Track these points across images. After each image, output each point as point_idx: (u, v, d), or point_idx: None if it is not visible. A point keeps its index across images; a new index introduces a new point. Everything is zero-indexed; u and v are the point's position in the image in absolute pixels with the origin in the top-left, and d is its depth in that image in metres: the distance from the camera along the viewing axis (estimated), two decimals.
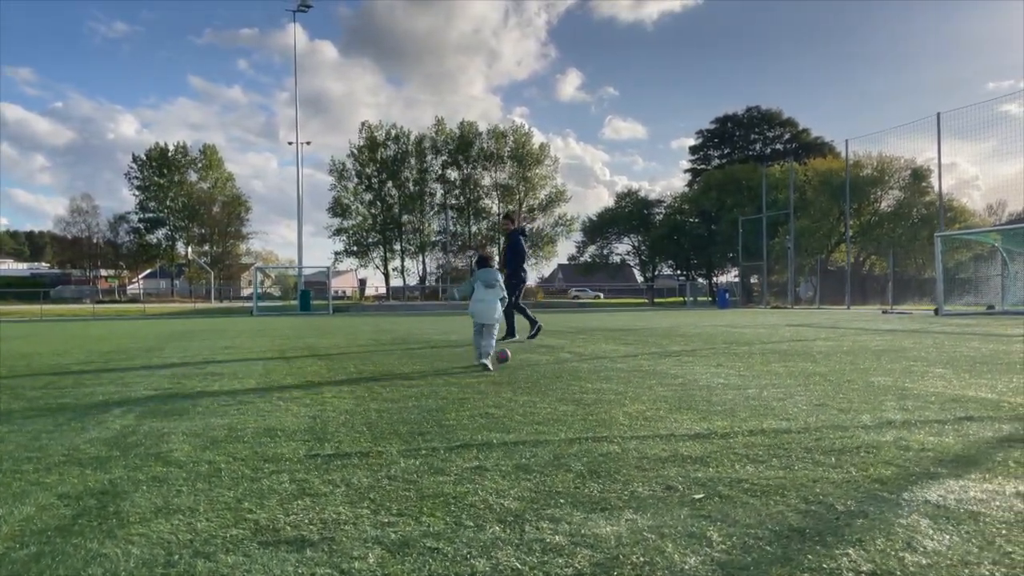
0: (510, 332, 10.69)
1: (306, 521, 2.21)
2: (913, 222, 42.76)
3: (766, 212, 41.74)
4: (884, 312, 24.86)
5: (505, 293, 7.43)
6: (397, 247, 74.27)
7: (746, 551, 1.91)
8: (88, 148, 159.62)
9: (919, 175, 42.89)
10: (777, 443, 3.26)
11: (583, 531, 2.08)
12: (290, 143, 38.60)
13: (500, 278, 7.31)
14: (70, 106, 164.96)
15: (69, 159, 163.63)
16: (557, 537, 2.04)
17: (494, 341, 7.07)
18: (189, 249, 70.36)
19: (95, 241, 78.80)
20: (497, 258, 9.89)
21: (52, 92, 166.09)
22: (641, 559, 1.86)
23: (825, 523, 2.12)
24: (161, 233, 79.08)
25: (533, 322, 11.05)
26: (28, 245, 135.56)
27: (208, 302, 60.54)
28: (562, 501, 2.38)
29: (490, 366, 6.65)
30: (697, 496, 2.41)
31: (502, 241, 9.53)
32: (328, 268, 39.34)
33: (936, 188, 42.86)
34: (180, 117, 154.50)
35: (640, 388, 5.15)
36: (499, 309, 7.15)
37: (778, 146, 69.44)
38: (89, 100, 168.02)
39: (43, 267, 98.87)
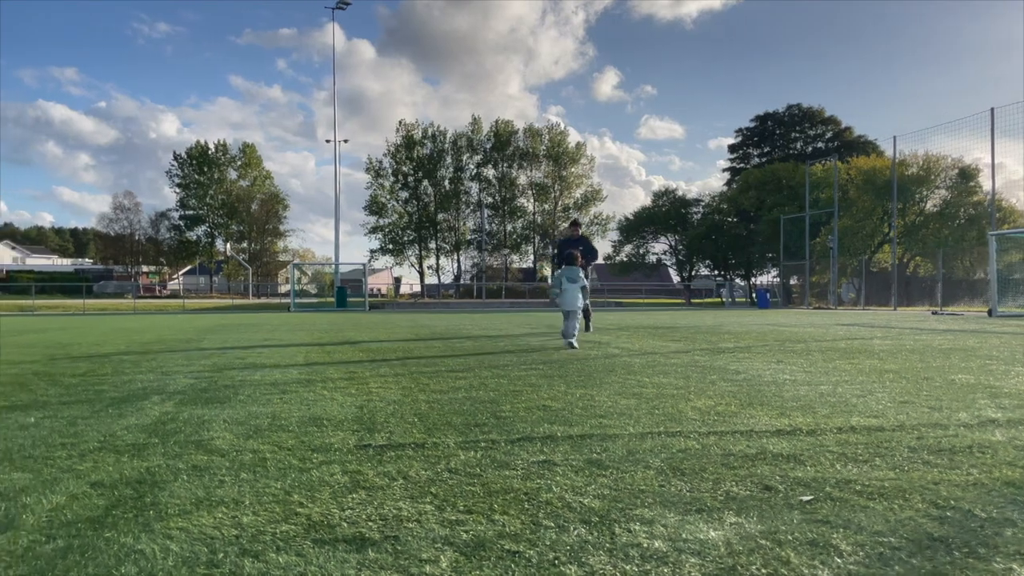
0: (586, 326, 11.36)
1: (364, 517, 1.96)
2: (960, 222, 41.55)
3: (809, 211, 40.82)
4: (934, 313, 24.07)
5: (587, 284, 8.91)
6: (432, 245, 74.36)
7: (884, 563, 1.61)
8: (131, 147, 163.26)
9: (967, 174, 41.67)
10: (874, 441, 2.93)
11: (683, 535, 1.80)
12: (328, 141, 38.77)
13: (582, 274, 8.82)
14: (114, 106, 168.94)
15: (113, 157, 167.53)
16: (656, 542, 1.75)
17: (578, 323, 8.46)
18: (228, 246, 71.15)
19: (137, 238, 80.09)
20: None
21: (96, 92, 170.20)
22: (762, 570, 1.57)
23: (968, 532, 1.81)
24: (201, 230, 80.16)
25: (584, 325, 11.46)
26: (73, 241, 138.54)
27: (246, 298, 61.10)
28: (649, 500, 2.10)
29: (575, 344, 8.09)
30: (804, 498, 2.11)
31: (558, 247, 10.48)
32: (364, 265, 39.35)
33: (985, 188, 41.84)
34: (221, 116, 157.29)
35: (702, 383, 4.84)
36: (581, 299, 8.60)
37: (820, 144, 68.02)
38: (132, 100, 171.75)
39: (87, 263, 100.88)
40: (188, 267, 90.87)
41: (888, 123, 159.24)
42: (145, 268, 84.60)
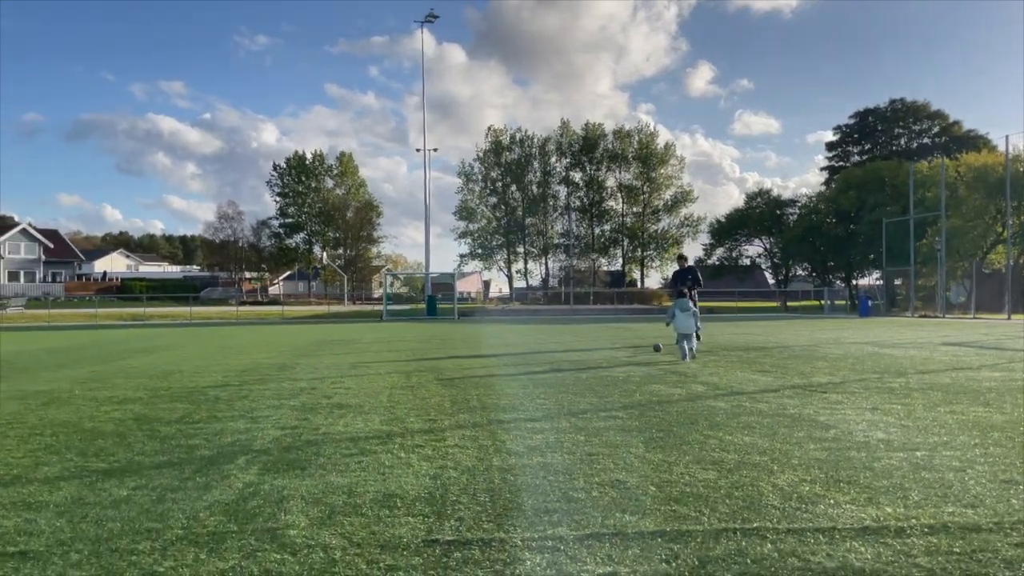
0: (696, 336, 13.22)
1: None
2: None
3: (913, 212, 38.85)
4: None
5: (697, 310, 11.34)
6: (520, 249, 74.78)
7: None
8: (233, 156, 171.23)
9: None
10: (967, 549, 2.74)
11: None
12: (418, 150, 39.72)
13: (691, 305, 11.12)
14: (217, 117, 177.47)
15: (217, 166, 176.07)
16: None
17: (694, 344, 11.00)
18: (324, 254, 73.57)
19: (240, 245, 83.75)
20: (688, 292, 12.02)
21: (201, 104, 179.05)
22: None
23: None
24: (299, 237, 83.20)
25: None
26: (181, 248, 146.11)
27: (341, 303, 62.99)
28: None
29: (689, 359, 10.49)
30: None
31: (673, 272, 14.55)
32: (453, 273, 39.88)
33: None
34: (317, 124, 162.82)
35: (788, 443, 4.66)
36: (693, 324, 10.98)
37: (925, 140, 64.72)
38: (235, 110, 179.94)
39: (194, 269, 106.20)
40: (287, 272, 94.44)
41: (1003, 116, 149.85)
42: (248, 274, 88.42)
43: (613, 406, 6.35)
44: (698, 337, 11.93)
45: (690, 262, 15.47)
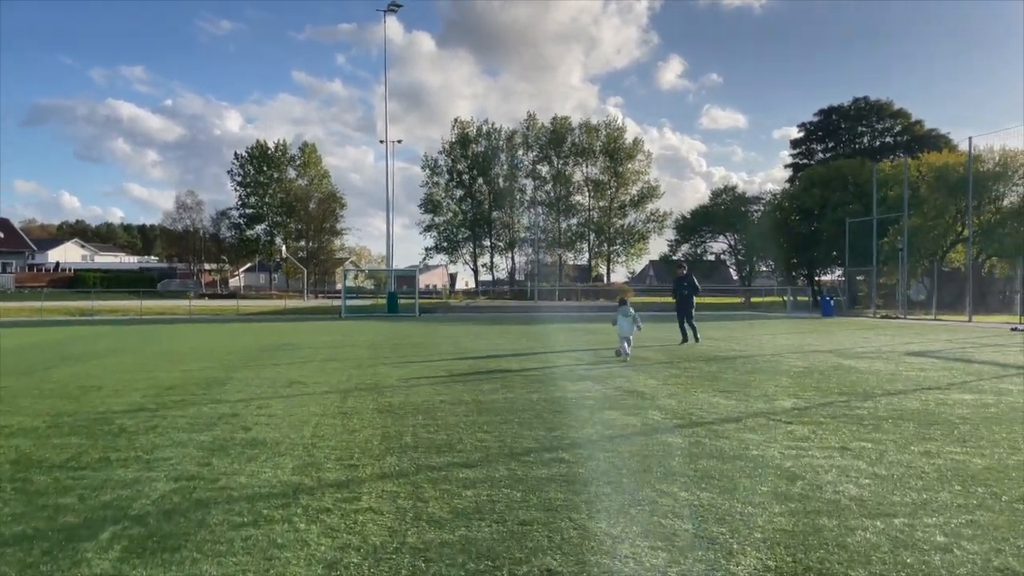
0: (696, 337, 16.06)
1: None
2: None
3: (876, 211, 38.93)
4: (1013, 329, 22.44)
5: (637, 317, 12.56)
6: (487, 243, 74.09)
7: None
8: (196, 144, 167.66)
9: None
10: None
11: None
12: (381, 142, 38.53)
13: (632, 311, 12.47)
14: (179, 103, 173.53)
15: (179, 154, 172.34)
16: None
17: (629, 347, 12.34)
18: (284, 247, 72.07)
19: (199, 235, 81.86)
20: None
21: (163, 90, 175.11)
22: None
23: None
24: (260, 228, 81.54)
25: (685, 338, 16.14)
26: (140, 238, 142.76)
27: (302, 298, 61.72)
28: None
29: (626, 359, 12.05)
30: None
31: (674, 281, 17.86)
32: (416, 268, 39.11)
33: None
34: (282, 112, 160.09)
35: (750, 504, 4.09)
36: (631, 328, 12.33)
37: (888, 139, 65.32)
38: (198, 97, 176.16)
39: (152, 260, 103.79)
40: (248, 264, 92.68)
41: (963, 117, 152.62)
42: (208, 265, 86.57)
43: (560, 443, 5.75)
44: (694, 331, 15.97)
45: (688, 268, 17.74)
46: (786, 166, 72.24)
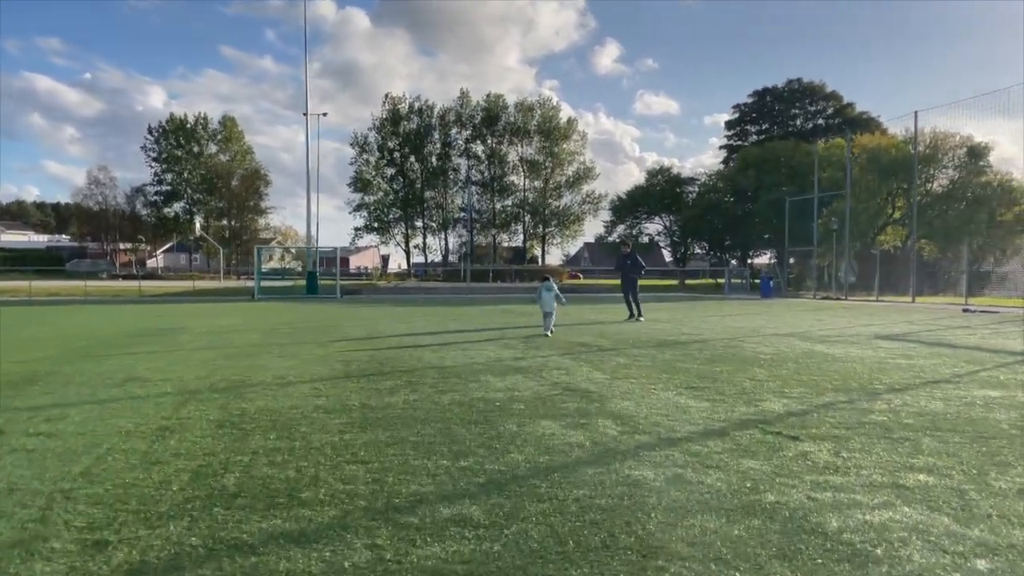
0: (639, 314, 15.83)
1: None
2: (968, 203, 39.19)
3: (818, 191, 38.10)
4: (965, 310, 21.44)
5: (559, 293, 12.44)
6: (419, 224, 71.46)
7: None
8: (117, 120, 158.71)
9: (976, 152, 39.40)
10: None
11: None
12: (304, 114, 35.74)
13: (555, 287, 12.45)
14: (99, 77, 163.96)
15: (100, 130, 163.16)
16: None
17: (552, 321, 12.18)
18: (197, 224, 67.66)
19: (113, 213, 76.89)
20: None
21: (81, 63, 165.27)
22: None
23: None
24: (179, 206, 77.01)
25: (632, 314, 15.88)
26: (55, 216, 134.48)
27: (217, 280, 58.05)
28: None
29: (549, 335, 11.74)
30: None
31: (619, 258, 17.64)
32: (337, 249, 36.60)
33: (994, 168, 39.38)
34: (209, 89, 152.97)
35: None
36: (554, 304, 12.20)
37: (820, 121, 65.15)
38: (118, 71, 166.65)
39: (64, 239, 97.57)
40: (168, 245, 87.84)
41: (892, 100, 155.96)
42: (123, 245, 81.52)
43: (469, 487, 3.72)
44: (638, 306, 15.94)
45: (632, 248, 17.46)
46: (720, 147, 71.80)
